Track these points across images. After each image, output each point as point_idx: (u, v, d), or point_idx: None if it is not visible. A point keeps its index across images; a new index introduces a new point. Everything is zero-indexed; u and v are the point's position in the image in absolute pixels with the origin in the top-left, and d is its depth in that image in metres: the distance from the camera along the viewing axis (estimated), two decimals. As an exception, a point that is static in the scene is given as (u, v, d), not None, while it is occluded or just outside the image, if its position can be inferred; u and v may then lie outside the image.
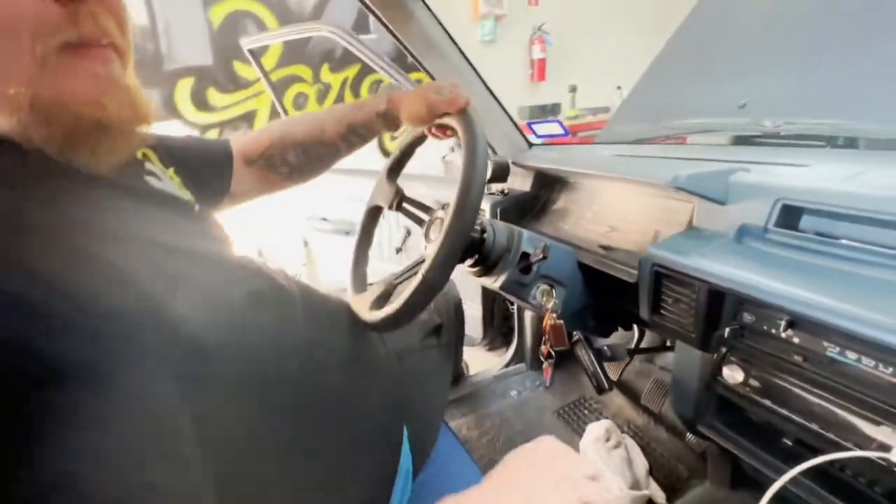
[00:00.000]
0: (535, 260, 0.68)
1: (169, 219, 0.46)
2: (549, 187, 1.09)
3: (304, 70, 2.79)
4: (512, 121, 1.16)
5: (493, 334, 1.54)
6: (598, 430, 1.17)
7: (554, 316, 0.76)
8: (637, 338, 1.17)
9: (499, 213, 1.08)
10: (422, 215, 0.78)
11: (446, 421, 0.88)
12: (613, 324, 0.93)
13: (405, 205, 0.80)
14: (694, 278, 0.61)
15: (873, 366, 0.47)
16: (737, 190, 0.66)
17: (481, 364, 1.50)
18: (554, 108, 3.52)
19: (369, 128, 0.73)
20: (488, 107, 1.12)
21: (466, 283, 1.21)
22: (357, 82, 2.99)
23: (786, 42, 0.96)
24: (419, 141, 0.79)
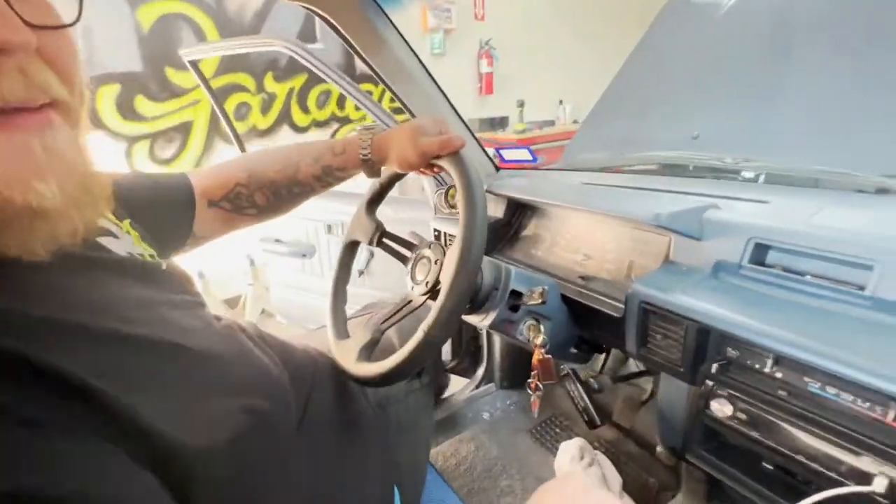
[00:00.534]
0: (533, 304, 0.67)
1: (134, 297, 0.40)
2: (520, 214, 1.10)
3: (246, 79, 2.64)
4: (481, 146, 1.16)
5: (462, 356, 1.53)
6: (571, 449, 1.19)
7: (543, 351, 0.76)
8: (604, 358, 1.20)
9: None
10: (404, 252, 0.75)
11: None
12: (592, 350, 0.96)
13: (385, 240, 0.76)
14: (681, 316, 0.63)
15: (851, 400, 0.51)
16: (710, 227, 0.70)
17: (452, 386, 1.48)
18: (502, 122, 3.61)
19: (348, 171, 0.70)
20: (456, 129, 1.11)
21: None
22: (304, 92, 2.88)
23: (732, 77, 1.05)
24: (400, 176, 0.76)
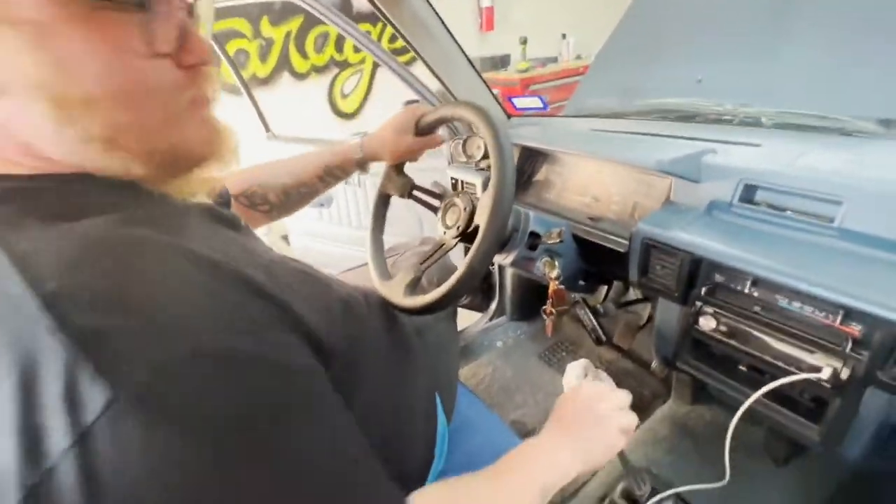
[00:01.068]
0: (552, 243, 0.78)
1: (245, 234, 0.50)
2: (532, 160, 1.18)
3: (242, 24, 2.57)
4: (494, 97, 1.22)
5: (475, 292, 1.67)
6: (577, 369, 1.35)
7: (557, 282, 0.88)
8: (607, 289, 1.34)
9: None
10: (433, 202, 0.85)
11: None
12: (596, 282, 1.08)
13: (416, 192, 0.85)
14: (677, 249, 0.74)
15: (811, 311, 0.63)
16: (708, 170, 0.80)
17: (466, 320, 1.64)
18: (504, 60, 3.53)
19: (345, 170, 0.83)
20: (472, 84, 1.17)
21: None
22: (301, 35, 2.81)
23: (735, 23, 1.08)
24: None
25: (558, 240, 0.77)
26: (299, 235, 2.05)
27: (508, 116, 1.28)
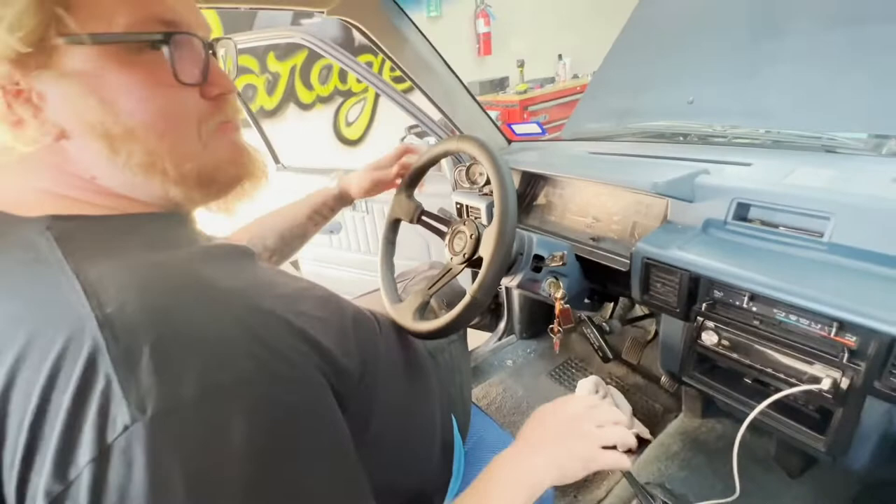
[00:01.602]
0: (555, 265, 0.82)
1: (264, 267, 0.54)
2: (533, 184, 1.22)
3: (249, 60, 2.69)
4: (494, 123, 1.27)
5: (484, 313, 1.70)
6: (588, 385, 1.37)
7: (562, 302, 0.91)
8: (613, 306, 1.36)
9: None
10: (441, 227, 0.89)
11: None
12: (602, 300, 1.11)
13: (424, 218, 0.89)
14: (676, 267, 0.77)
15: (807, 324, 0.66)
16: (701, 191, 0.83)
17: (476, 340, 1.66)
18: (502, 83, 3.62)
19: (330, 207, 0.89)
20: (472, 112, 1.22)
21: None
22: (306, 69, 2.92)
23: (724, 46, 1.13)
24: (434, 161, 0.89)
25: (561, 263, 0.81)
26: (310, 262, 2.10)
27: (509, 142, 1.33)
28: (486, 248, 0.68)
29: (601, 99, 1.38)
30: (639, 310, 1.22)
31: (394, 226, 0.95)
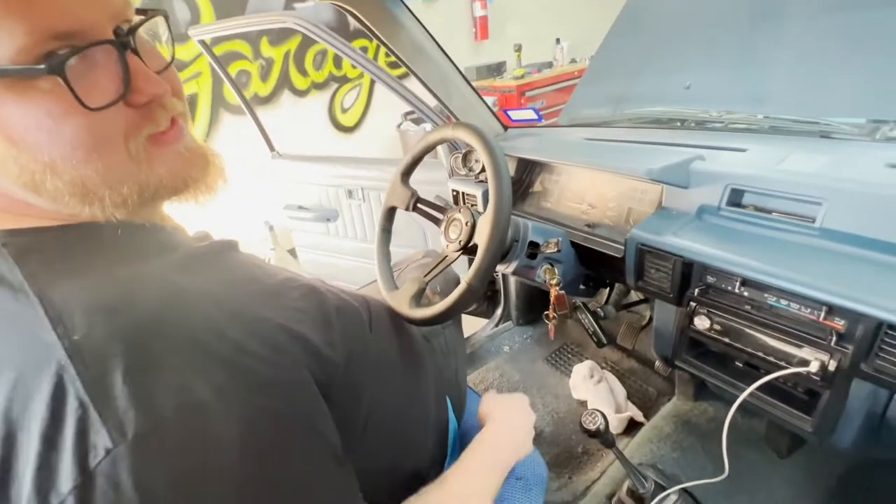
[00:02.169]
0: (549, 252, 0.82)
1: (246, 258, 0.54)
2: (529, 171, 1.22)
3: (242, 46, 2.64)
4: (489, 108, 1.26)
5: (481, 300, 1.71)
6: (583, 370, 1.40)
7: (557, 288, 0.92)
8: (608, 292, 1.38)
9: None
10: (437, 215, 0.89)
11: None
12: (597, 286, 1.12)
13: (420, 205, 0.90)
14: (670, 253, 0.78)
15: (797, 308, 0.67)
16: (696, 177, 0.83)
17: (473, 326, 1.68)
18: (499, 67, 3.58)
19: None
20: (468, 99, 1.21)
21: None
22: (300, 54, 2.88)
23: (721, 32, 1.12)
24: (430, 149, 0.88)
25: (556, 249, 0.81)
26: (306, 249, 2.10)
27: (505, 128, 1.33)
28: (482, 236, 0.69)
29: (598, 85, 1.37)
30: (634, 295, 1.23)
31: (390, 214, 0.95)
